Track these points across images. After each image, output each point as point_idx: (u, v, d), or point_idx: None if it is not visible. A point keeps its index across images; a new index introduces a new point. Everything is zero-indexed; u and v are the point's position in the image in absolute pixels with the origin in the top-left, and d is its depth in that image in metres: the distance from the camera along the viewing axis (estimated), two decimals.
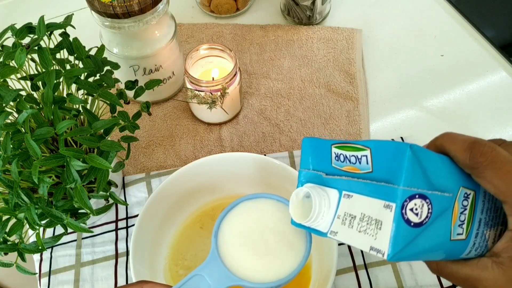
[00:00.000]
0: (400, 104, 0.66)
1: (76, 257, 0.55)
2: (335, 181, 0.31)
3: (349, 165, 0.30)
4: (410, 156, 0.26)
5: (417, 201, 0.26)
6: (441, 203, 0.27)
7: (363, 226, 0.28)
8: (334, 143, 0.31)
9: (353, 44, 0.71)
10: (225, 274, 0.37)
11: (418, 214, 0.26)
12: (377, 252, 0.26)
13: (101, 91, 0.47)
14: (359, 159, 0.29)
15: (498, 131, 0.63)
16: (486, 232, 0.30)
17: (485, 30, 0.72)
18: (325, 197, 0.31)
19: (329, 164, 0.32)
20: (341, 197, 0.30)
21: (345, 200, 0.30)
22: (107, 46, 0.58)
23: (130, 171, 0.61)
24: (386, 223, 0.26)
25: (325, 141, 0.32)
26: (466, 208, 0.29)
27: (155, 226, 0.51)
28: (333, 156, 0.31)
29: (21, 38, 0.47)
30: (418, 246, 0.27)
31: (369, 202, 0.28)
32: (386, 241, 0.26)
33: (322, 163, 0.32)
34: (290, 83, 0.68)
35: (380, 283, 0.52)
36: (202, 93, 0.58)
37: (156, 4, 0.54)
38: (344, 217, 0.29)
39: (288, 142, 0.63)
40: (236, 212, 0.40)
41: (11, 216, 0.44)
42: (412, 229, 0.26)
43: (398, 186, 0.26)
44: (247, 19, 0.76)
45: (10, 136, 0.41)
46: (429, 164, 0.27)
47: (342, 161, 0.31)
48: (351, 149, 0.30)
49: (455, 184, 0.28)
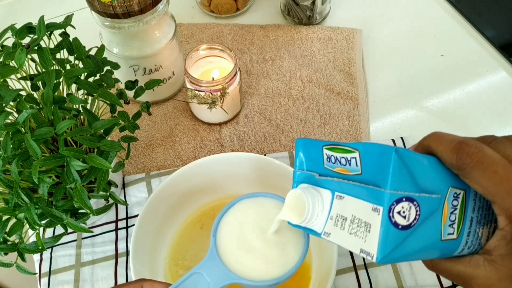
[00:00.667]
0: (400, 104, 0.66)
1: (76, 257, 0.55)
2: (328, 182, 0.31)
3: (340, 166, 0.30)
4: (395, 160, 0.26)
5: (404, 204, 0.26)
6: (430, 205, 0.27)
7: (354, 228, 0.28)
8: (325, 144, 0.31)
9: (353, 44, 0.71)
10: (223, 272, 0.37)
11: (406, 217, 0.26)
12: (367, 255, 0.27)
13: (101, 91, 0.47)
14: (349, 161, 0.29)
15: (498, 131, 0.63)
16: (479, 230, 0.30)
17: (485, 30, 0.72)
18: (319, 198, 0.31)
19: (321, 165, 0.32)
20: (334, 198, 0.30)
21: (337, 201, 0.30)
22: (107, 46, 0.58)
23: (130, 171, 0.61)
24: (374, 226, 0.26)
25: (317, 142, 0.32)
26: (456, 208, 0.29)
27: (155, 226, 0.51)
28: (325, 157, 0.31)
29: (21, 38, 0.47)
30: (407, 248, 0.27)
31: (359, 204, 0.28)
32: (375, 244, 0.26)
33: (315, 163, 0.33)
34: (290, 83, 0.68)
35: (380, 283, 0.52)
36: (202, 93, 0.58)
37: (156, 4, 0.54)
38: (337, 219, 0.30)
39: (288, 142, 0.63)
40: (235, 211, 0.40)
41: (11, 216, 0.44)
42: (400, 232, 0.26)
43: (384, 189, 0.26)
44: (247, 19, 0.76)
45: (10, 136, 0.41)
46: (415, 167, 0.27)
47: (333, 162, 0.31)
48: (341, 151, 0.30)
49: (443, 184, 0.28)
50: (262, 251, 0.38)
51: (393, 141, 0.60)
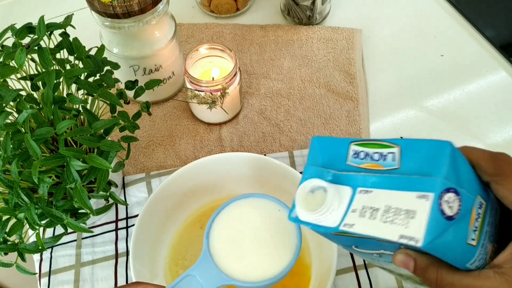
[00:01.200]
0: (400, 104, 0.66)
1: (76, 257, 0.55)
2: (348, 177, 0.32)
3: (370, 162, 0.31)
4: (450, 152, 0.27)
5: (451, 195, 0.27)
6: (467, 203, 0.28)
7: (389, 217, 0.28)
8: (353, 141, 0.32)
9: (353, 44, 0.71)
10: (216, 274, 0.37)
11: (452, 207, 0.27)
12: (409, 240, 0.27)
13: (101, 91, 0.47)
14: (384, 156, 0.30)
15: (498, 131, 0.63)
16: (488, 245, 0.31)
17: (485, 30, 0.72)
18: (337, 193, 0.31)
19: (342, 161, 0.33)
20: (356, 193, 0.31)
21: (361, 195, 0.30)
22: (107, 46, 0.58)
23: (130, 171, 0.61)
24: (420, 212, 0.27)
25: (341, 139, 0.33)
26: (479, 216, 0.29)
27: (155, 226, 0.51)
28: (351, 153, 0.32)
29: (21, 38, 0.47)
30: (445, 239, 0.27)
31: (395, 195, 0.29)
32: (421, 229, 0.26)
33: (333, 160, 0.33)
34: (290, 83, 0.68)
35: (380, 283, 0.52)
36: (202, 93, 0.58)
37: (156, 4, 0.54)
38: (363, 210, 0.30)
39: (288, 142, 0.63)
40: (227, 213, 0.41)
41: (11, 216, 0.44)
42: (444, 221, 0.27)
43: (437, 177, 0.27)
44: (247, 19, 0.76)
45: (10, 136, 0.41)
46: (461, 164, 0.28)
47: (362, 158, 0.31)
48: (375, 146, 0.31)
49: (475, 190, 0.29)
50: (254, 252, 0.38)
51: None
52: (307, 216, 0.32)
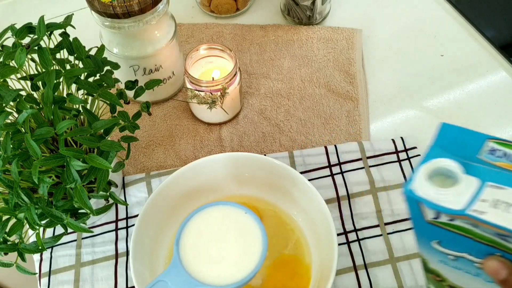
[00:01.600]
0: (400, 104, 0.66)
1: (76, 257, 0.55)
2: (478, 169, 0.32)
3: (507, 162, 0.31)
4: None
5: None
6: None
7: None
8: (492, 138, 0.33)
9: (353, 44, 0.71)
10: (186, 279, 0.39)
11: None
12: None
13: (101, 91, 0.47)
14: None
15: (498, 131, 0.63)
16: None
17: (485, 30, 0.72)
18: (467, 178, 0.31)
19: (473, 154, 0.33)
20: (484, 186, 0.31)
21: (493, 189, 0.30)
22: (107, 46, 0.58)
23: (130, 171, 0.61)
24: None
25: (476, 132, 0.33)
26: None
27: (155, 226, 0.51)
28: (486, 148, 0.32)
29: (21, 38, 0.47)
30: None
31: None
32: None
33: (462, 150, 0.33)
34: (290, 83, 0.68)
35: (380, 283, 0.52)
36: (202, 93, 0.58)
37: (156, 4, 0.54)
38: (495, 202, 0.30)
39: (288, 142, 0.63)
40: (197, 220, 0.43)
41: (11, 216, 0.44)
42: None
43: None
44: (247, 19, 0.76)
45: (10, 136, 0.41)
46: None
47: (499, 156, 0.32)
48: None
49: None
50: (223, 257, 0.41)
51: (393, 141, 0.60)
52: (430, 192, 0.31)
